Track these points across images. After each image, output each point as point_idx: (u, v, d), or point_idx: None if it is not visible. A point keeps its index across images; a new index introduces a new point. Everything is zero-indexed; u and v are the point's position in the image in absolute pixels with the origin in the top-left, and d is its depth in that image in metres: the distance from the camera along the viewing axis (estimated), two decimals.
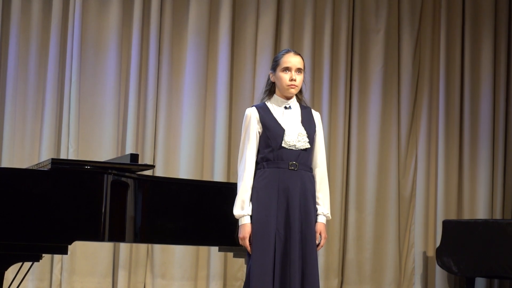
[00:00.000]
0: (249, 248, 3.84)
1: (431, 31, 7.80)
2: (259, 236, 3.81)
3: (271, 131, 3.91)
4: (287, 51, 4.03)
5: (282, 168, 3.88)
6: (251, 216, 3.85)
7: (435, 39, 7.79)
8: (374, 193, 7.49)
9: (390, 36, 7.67)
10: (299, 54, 4.02)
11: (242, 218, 3.86)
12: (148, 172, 5.63)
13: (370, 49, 7.64)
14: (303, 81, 4.01)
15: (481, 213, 7.57)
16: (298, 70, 3.96)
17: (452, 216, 7.50)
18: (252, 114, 3.95)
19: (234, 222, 3.93)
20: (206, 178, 7.07)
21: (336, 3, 7.57)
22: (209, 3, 7.23)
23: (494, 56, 7.77)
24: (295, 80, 3.94)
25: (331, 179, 7.26)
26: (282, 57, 3.99)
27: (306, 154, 3.93)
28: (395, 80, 7.68)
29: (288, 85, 3.94)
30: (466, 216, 7.59)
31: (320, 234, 3.92)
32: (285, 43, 7.33)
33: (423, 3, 7.79)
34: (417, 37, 7.75)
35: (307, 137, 3.93)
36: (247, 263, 3.92)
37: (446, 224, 6.87)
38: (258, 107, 3.99)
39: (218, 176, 7.02)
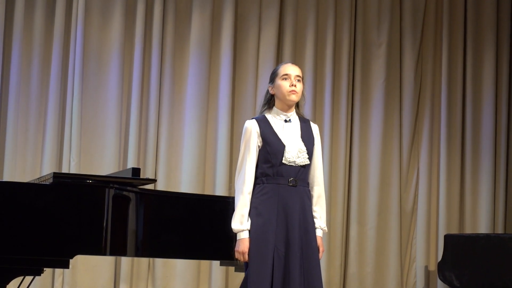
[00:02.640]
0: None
1: (433, 45, 7.81)
2: (257, 252, 3.78)
3: (271, 147, 3.87)
4: (285, 62, 4.04)
5: (282, 184, 3.85)
6: (249, 231, 3.82)
7: (437, 52, 7.80)
8: (375, 207, 7.48)
9: (392, 49, 7.68)
10: (297, 66, 4.01)
11: (241, 233, 3.83)
12: (149, 186, 5.62)
13: (372, 63, 7.64)
14: (303, 93, 3.98)
15: (483, 228, 7.55)
16: (298, 78, 3.93)
17: (454, 230, 7.49)
18: (252, 128, 3.90)
19: (235, 237, 3.91)
20: (207, 192, 7.07)
21: (338, 16, 7.58)
22: (211, 16, 7.25)
23: (496, 69, 7.77)
24: (295, 86, 3.90)
25: (332, 192, 7.26)
26: (280, 67, 3.98)
27: (305, 170, 3.91)
28: (397, 93, 7.68)
29: (289, 91, 3.89)
30: (468, 230, 7.57)
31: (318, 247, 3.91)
32: (287, 56, 7.33)
33: (425, 16, 7.80)
34: (419, 51, 7.76)
35: (307, 153, 3.91)
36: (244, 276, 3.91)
37: (448, 238, 6.85)
38: (258, 120, 3.94)
39: (220, 190, 7.01)
